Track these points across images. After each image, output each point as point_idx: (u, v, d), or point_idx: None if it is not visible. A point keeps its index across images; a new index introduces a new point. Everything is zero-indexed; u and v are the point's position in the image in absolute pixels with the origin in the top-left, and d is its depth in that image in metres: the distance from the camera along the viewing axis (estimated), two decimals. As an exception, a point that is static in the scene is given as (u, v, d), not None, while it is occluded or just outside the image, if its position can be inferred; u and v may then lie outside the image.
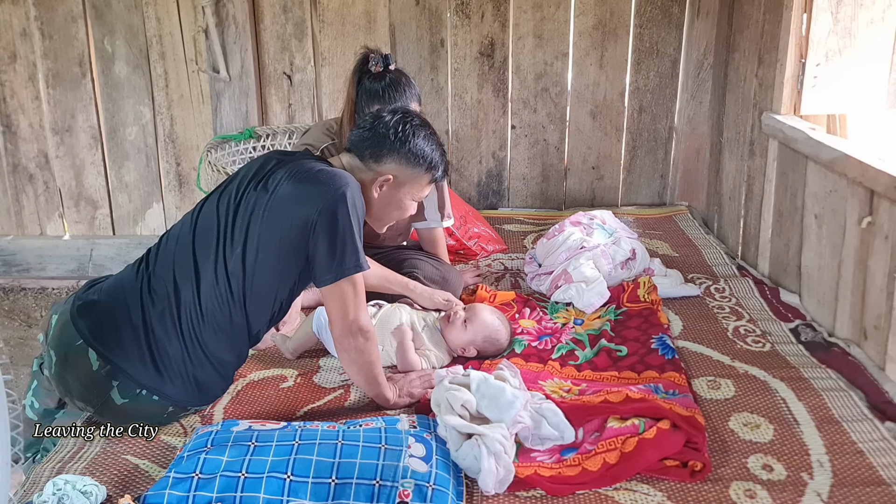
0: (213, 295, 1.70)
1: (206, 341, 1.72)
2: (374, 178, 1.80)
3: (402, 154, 1.80)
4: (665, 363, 2.01)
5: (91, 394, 1.68)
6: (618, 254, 2.51)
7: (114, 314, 1.70)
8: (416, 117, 1.87)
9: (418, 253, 2.53)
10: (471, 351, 2.10)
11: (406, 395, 1.88)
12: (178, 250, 1.75)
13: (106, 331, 1.68)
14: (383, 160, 1.80)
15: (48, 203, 3.61)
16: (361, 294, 1.73)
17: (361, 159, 1.82)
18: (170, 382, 1.70)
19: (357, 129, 1.85)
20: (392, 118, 1.82)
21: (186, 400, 1.76)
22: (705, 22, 3.25)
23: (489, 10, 3.31)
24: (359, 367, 1.78)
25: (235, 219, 1.72)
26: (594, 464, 1.58)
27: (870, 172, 1.94)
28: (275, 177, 1.74)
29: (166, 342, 1.69)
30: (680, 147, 3.48)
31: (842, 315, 2.14)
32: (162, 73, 3.40)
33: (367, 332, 1.74)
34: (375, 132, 1.81)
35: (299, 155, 1.84)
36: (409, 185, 1.84)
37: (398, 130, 1.79)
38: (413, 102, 2.14)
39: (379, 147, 1.80)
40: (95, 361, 1.66)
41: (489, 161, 3.52)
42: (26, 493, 1.52)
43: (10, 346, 3.09)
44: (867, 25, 2.35)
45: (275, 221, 1.69)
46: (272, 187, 1.72)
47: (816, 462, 1.62)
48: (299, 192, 1.69)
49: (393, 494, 1.44)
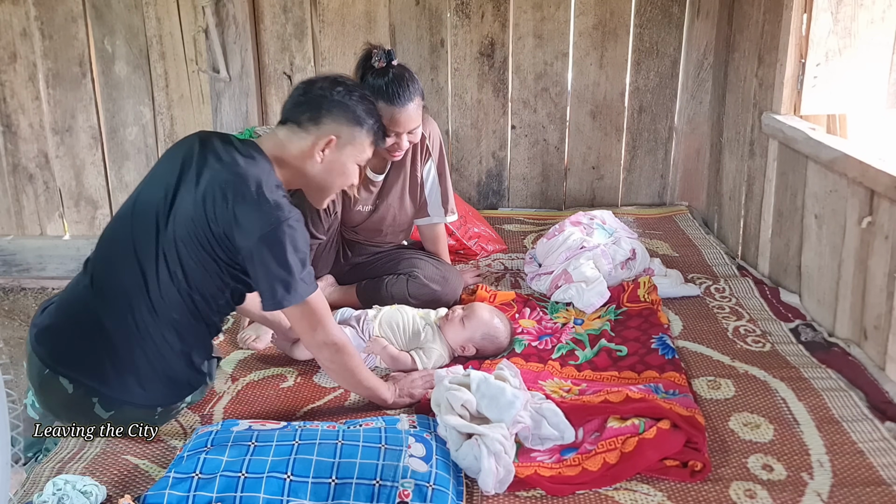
0: (163, 292, 1.67)
1: (168, 338, 1.70)
2: (315, 141, 1.75)
3: (340, 114, 1.76)
4: (665, 363, 2.01)
5: (76, 413, 1.68)
6: (618, 254, 2.51)
7: (70, 334, 1.68)
8: (348, 79, 1.84)
9: (419, 252, 2.53)
10: (470, 349, 2.10)
11: (406, 395, 1.88)
12: (118, 255, 1.71)
13: (67, 353, 1.67)
14: (322, 121, 1.75)
15: (48, 203, 3.61)
16: (322, 310, 1.71)
17: (299, 125, 1.76)
18: (144, 388, 1.70)
19: (289, 99, 1.81)
20: (325, 82, 1.79)
21: (168, 399, 1.75)
22: (705, 22, 3.25)
23: (489, 10, 3.31)
24: (338, 375, 1.80)
25: (169, 216, 1.67)
26: (594, 464, 1.58)
27: (870, 172, 1.94)
28: (206, 177, 1.66)
29: (128, 349, 1.67)
30: (680, 147, 3.48)
31: (842, 315, 2.14)
32: (162, 73, 3.40)
33: (336, 344, 1.72)
34: (311, 96, 1.77)
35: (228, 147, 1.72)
36: (352, 147, 1.79)
37: (334, 90, 1.76)
38: (416, 97, 2.15)
39: (317, 109, 1.75)
40: (69, 385, 1.66)
41: (489, 161, 3.52)
42: (26, 493, 1.52)
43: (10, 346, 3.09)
44: (867, 25, 2.35)
45: (204, 233, 1.64)
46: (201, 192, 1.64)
47: (816, 462, 1.62)
48: (236, 217, 1.62)
49: (393, 494, 1.44)
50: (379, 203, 2.40)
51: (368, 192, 2.37)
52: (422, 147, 2.39)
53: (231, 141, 1.75)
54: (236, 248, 1.65)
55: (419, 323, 2.13)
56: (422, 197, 2.46)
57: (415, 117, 2.16)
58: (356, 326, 2.11)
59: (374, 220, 2.43)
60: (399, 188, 2.40)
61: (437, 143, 2.42)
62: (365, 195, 2.37)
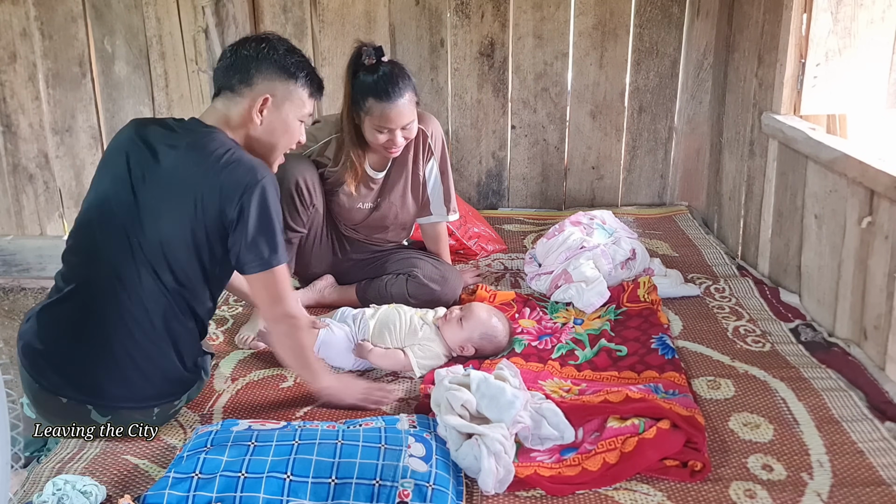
0: (146, 294, 1.66)
1: (155, 336, 1.68)
2: (251, 103, 1.70)
3: (270, 69, 1.71)
4: (665, 363, 2.01)
5: (74, 422, 1.68)
6: (618, 254, 2.51)
7: (54, 348, 1.66)
8: (273, 35, 1.80)
9: (418, 252, 2.53)
10: (469, 349, 2.09)
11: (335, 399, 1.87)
12: (88, 260, 1.68)
13: (53, 368, 1.66)
14: (254, 81, 1.70)
15: (48, 203, 3.61)
16: (286, 282, 1.73)
17: (232, 90, 1.71)
18: (137, 391, 1.69)
19: (218, 67, 1.77)
20: (250, 40, 1.76)
21: (163, 398, 1.75)
22: (705, 22, 3.25)
23: (489, 10, 3.31)
24: (290, 350, 1.80)
25: (140, 214, 1.65)
26: (594, 464, 1.58)
27: (870, 172, 1.94)
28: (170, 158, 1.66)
29: (116, 357, 1.66)
30: (680, 147, 3.48)
31: (842, 315, 2.14)
32: (162, 73, 3.40)
33: (294, 317, 1.75)
34: (238, 57, 1.73)
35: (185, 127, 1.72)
36: (290, 102, 1.74)
37: (260, 48, 1.72)
38: (407, 93, 2.14)
39: (246, 70, 1.70)
40: (62, 398, 1.65)
41: (489, 161, 3.52)
42: (26, 494, 1.52)
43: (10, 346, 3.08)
44: (867, 25, 2.35)
45: (184, 211, 1.63)
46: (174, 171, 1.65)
47: (816, 462, 1.62)
48: (218, 183, 1.62)
49: (393, 494, 1.44)
50: (381, 201, 2.40)
51: (369, 189, 2.37)
52: (424, 145, 2.39)
53: (169, 125, 1.73)
54: (224, 219, 1.63)
55: (417, 322, 2.13)
56: (424, 195, 2.46)
57: (406, 113, 2.15)
58: (352, 326, 2.11)
59: (375, 218, 2.43)
60: (401, 186, 2.40)
61: (439, 141, 2.42)
62: (365, 192, 2.37)
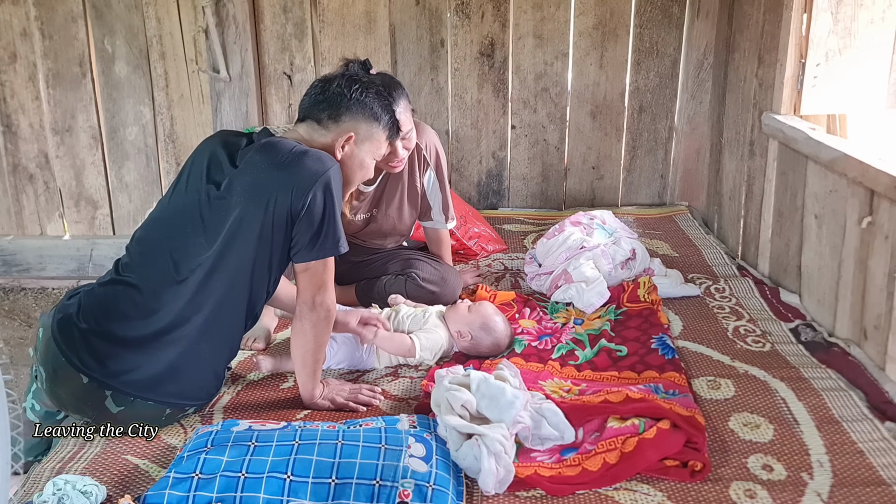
0: (199, 295, 1.68)
1: (199, 342, 1.70)
2: (335, 138, 1.80)
3: (358, 111, 1.80)
4: (665, 363, 2.01)
5: (85, 405, 1.68)
6: (618, 254, 2.51)
7: (96, 329, 1.68)
8: (364, 76, 1.88)
9: (418, 253, 2.53)
10: (466, 335, 2.10)
11: (327, 400, 1.87)
12: (154, 254, 1.73)
13: (89, 347, 1.66)
14: (342, 119, 1.80)
15: (48, 203, 3.61)
16: (331, 274, 1.77)
17: (319, 123, 1.81)
18: (162, 390, 1.70)
19: (307, 97, 1.85)
20: (343, 80, 1.83)
21: (182, 402, 1.75)
22: (705, 22, 3.25)
23: (489, 10, 3.31)
24: (311, 341, 1.80)
25: (211, 212, 1.71)
26: (594, 464, 1.58)
27: (870, 172, 1.94)
28: (246, 160, 1.73)
29: (153, 351, 1.67)
30: (680, 147, 3.48)
31: (842, 315, 2.14)
32: (162, 73, 3.40)
33: (330, 309, 1.78)
34: (329, 93, 1.81)
35: (259, 135, 1.82)
36: (369, 143, 1.84)
37: (352, 89, 1.81)
38: (402, 100, 2.14)
39: (336, 107, 1.80)
40: (84, 377, 1.65)
41: (489, 161, 3.52)
42: (26, 494, 1.52)
43: (10, 346, 3.09)
44: (867, 25, 2.35)
45: (257, 206, 1.68)
46: (248, 170, 1.71)
47: (816, 462, 1.62)
48: (284, 176, 1.68)
49: (393, 494, 1.44)
50: (376, 213, 2.41)
51: (359, 201, 2.37)
52: (419, 157, 2.39)
53: (251, 137, 1.81)
54: (293, 209, 1.68)
55: (419, 314, 2.15)
56: (423, 203, 2.46)
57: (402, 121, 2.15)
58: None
59: (371, 229, 2.44)
60: (398, 199, 2.40)
61: (433, 152, 2.42)
62: (356, 205, 2.37)
